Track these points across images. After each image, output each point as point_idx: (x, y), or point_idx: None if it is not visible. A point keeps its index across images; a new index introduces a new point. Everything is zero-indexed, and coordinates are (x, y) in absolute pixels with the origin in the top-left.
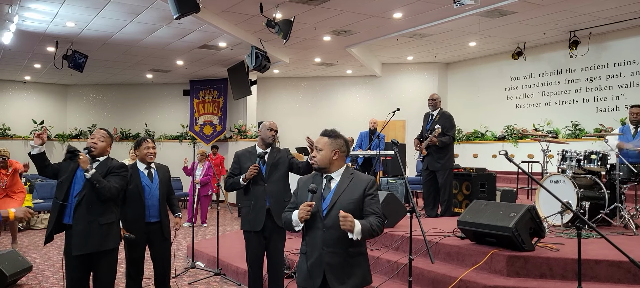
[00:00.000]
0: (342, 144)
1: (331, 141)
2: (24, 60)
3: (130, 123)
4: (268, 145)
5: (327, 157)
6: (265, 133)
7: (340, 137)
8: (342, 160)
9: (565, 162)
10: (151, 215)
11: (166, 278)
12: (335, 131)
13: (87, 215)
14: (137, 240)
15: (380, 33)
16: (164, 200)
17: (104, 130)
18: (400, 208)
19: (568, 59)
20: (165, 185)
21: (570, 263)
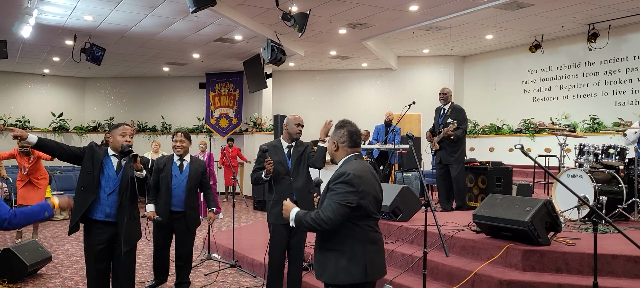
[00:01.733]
0: (341, 135)
1: (333, 133)
2: (43, 54)
3: (147, 116)
4: (294, 139)
5: (330, 149)
6: (292, 128)
7: (342, 128)
8: (343, 152)
9: (583, 156)
10: (175, 205)
11: (185, 268)
12: (341, 122)
13: (129, 210)
14: (162, 225)
15: (396, 26)
16: (192, 193)
17: (128, 125)
18: (415, 201)
19: (586, 51)
20: (195, 179)
21: (587, 258)
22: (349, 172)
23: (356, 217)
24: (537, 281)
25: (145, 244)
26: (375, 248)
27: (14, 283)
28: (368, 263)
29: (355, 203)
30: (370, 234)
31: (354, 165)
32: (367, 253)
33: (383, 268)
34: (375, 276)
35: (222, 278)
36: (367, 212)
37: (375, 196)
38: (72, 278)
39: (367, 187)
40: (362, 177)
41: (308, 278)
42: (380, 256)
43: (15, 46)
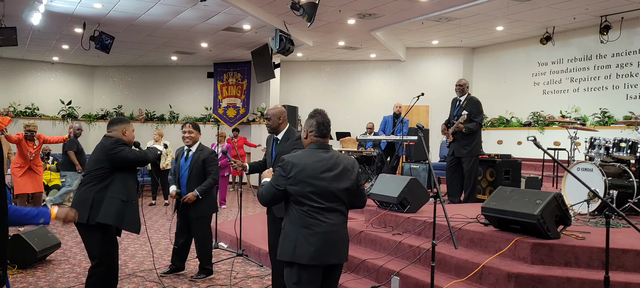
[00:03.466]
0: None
1: (306, 121)
2: (52, 41)
3: (154, 104)
4: (273, 130)
5: (302, 136)
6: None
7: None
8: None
9: (593, 150)
10: (184, 193)
11: (202, 254)
12: (313, 111)
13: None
14: (178, 209)
15: (405, 16)
16: (195, 180)
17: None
18: (423, 193)
19: (598, 44)
20: (196, 168)
21: (596, 252)
22: (286, 158)
23: (294, 201)
24: (546, 274)
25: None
26: (309, 232)
27: (24, 268)
28: (297, 246)
29: (282, 187)
30: (307, 220)
31: (302, 153)
32: (298, 237)
33: (317, 254)
34: (302, 259)
35: (229, 267)
36: (299, 198)
37: (317, 185)
38: (81, 264)
39: (302, 176)
40: (299, 164)
41: None
42: (314, 241)
43: (25, 33)
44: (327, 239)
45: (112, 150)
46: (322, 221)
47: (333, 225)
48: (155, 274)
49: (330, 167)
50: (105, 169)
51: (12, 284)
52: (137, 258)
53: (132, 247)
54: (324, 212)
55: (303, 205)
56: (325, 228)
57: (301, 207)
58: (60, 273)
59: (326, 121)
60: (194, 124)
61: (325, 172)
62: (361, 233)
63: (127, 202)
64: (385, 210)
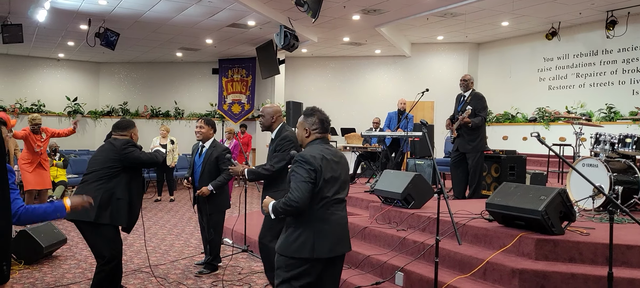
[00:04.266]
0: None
1: (304, 120)
2: (57, 38)
3: (160, 101)
4: (266, 127)
5: (301, 135)
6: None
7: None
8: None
9: (599, 146)
10: (198, 187)
11: (212, 248)
12: (311, 109)
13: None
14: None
15: (410, 12)
16: (207, 177)
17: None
18: (428, 189)
19: (604, 39)
20: (209, 163)
21: (601, 248)
22: (303, 155)
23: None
24: (550, 270)
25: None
26: (326, 226)
27: (30, 264)
28: (316, 242)
29: (314, 180)
30: (323, 213)
31: (313, 149)
32: (315, 232)
33: (334, 246)
34: (322, 254)
35: (234, 263)
36: (322, 191)
37: (335, 177)
38: (87, 260)
39: (326, 168)
40: (318, 157)
41: None
42: (330, 234)
43: (30, 30)
44: (340, 230)
45: (124, 150)
46: (335, 213)
47: (342, 216)
48: (160, 270)
49: (338, 159)
50: (114, 169)
51: (18, 280)
52: (143, 254)
53: (137, 242)
54: (336, 204)
55: (321, 200)
56: (338, 220)
57: (318, 202)
58: (67, 269)
59: (327, 117)
60: (206, 119)
61: (335, 164)
62: (366, 229)
63: (132, 203)
64: (389, 206)
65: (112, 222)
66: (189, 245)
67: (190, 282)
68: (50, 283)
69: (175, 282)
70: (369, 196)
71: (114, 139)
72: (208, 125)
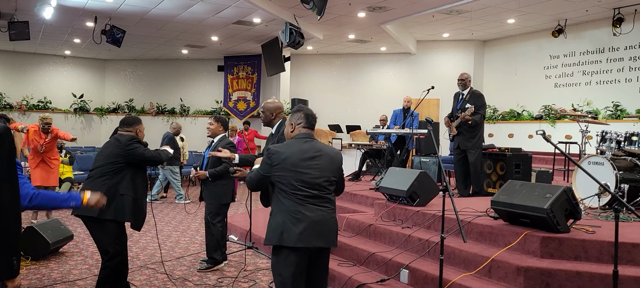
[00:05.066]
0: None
1: (290, 116)
2: (64, 35)
3: (165, 98)
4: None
5: (287, 131)
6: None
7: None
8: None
9: (605, 143)
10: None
11: (207, 240)
12: (297, 106)
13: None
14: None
15: (416, 9)
16: (212, 167)
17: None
18: (433, 187)
19: (611, 36)
20: (213, 158)
21: (606, 246)
22: (271, 147)
23: (281, 189)
24: (555, 268)
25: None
26: (296, 218)
27: (37, 260)
28: (284, 231)
29: (268, 174)
30: (294, 207)
31: (287, 143)
32: (285, 222)
33: (304, 237)
34: (289, 242)
35: (239, 260)
36: (285, 186)
37: (301, 173)
38: (93, 256)
39: (286, 164)
40: (283, 153)
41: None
42: (301, 226)
43: (37, 27)
44: (314, 225)
45: (129, 146)
46: (309, 208)
47: (320, 213)
48: (166, 266)
49: (313, 156)
50: (118, 165)
51: (25, 275)
52: (149, 250)
53: (143, 239)
54: (311, 200)
55: (289, 193)
56: (313, 217)
57: (288, 196)
58: (73, 265)
59: (313, 113)
60: (216, 117)
61: (308, 160)
62: (371, 226)
63: (137, 199)
64: (394, 203)
65: (116, 218)
66: (195, 241)
67: (195, 279)
68: (57, 279)
69: (181, 278)
70: (374, 193)
71: (119, 135)
72: (217, 122)
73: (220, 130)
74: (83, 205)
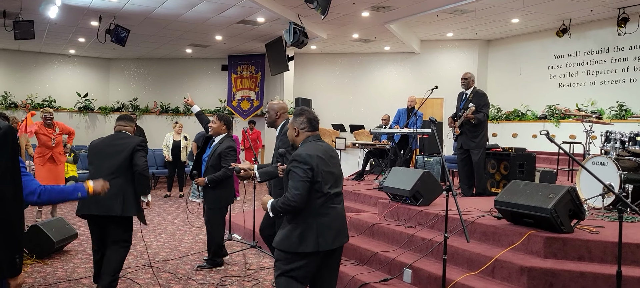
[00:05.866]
0: (301, 122)
1: (293, 120)
2: (69, 34)
3: (169, 97)
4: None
5: (291, 135)
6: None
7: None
8: (303, 135)
9: (609, 144)
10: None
11: (207, 241)
12: (299, 109)
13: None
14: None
15: (420, 9)
16: (210, 171)
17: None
18: (436, 186)
19: (616, 36)
20: (214, 158)
21: (610, 247)
22: (299, 154)
23: (313, 190)
24: (558, 268)
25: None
26: (328, 220)
27: (41, 258)
28: (319, 235)
29: (312, 179)
30: (324, 208)
31: (308, 146)
32: (319, 227)
33: (335, 239)
34: (326, 246)
35: (243, 259)
36: (321, 187)
37: (331, 172)
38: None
39: (321, 165)
40: (314, 155)
41: None
42: (332, 227)
43: (42, 27)
44: (340, 222)
45: (138, 149)
46: (334, 206)
47: (340, 208)
48: (170, 265)
49: (332, 154)
50: (127, 164)
51: (30, 274)
52: (152, 249)
53: (147, 238)
54: (335, 198)
55: (321, 195)
56: (338, 213)
57: (319, 197)
58: (77, 264)
59: (315, 116)
60: (219, 115)
61: (331, 159)
62: (374, 226)
63: (136, 194)
64: (398, 203)
65: (132, 214)
66: (198, 240)
67: (199, 277)
68: (61, 277)
69: (185, 277)
70: (377, 193)
71: (128, 134)
72: (219, 120)
73: (223, 130)
74: (89, 194)
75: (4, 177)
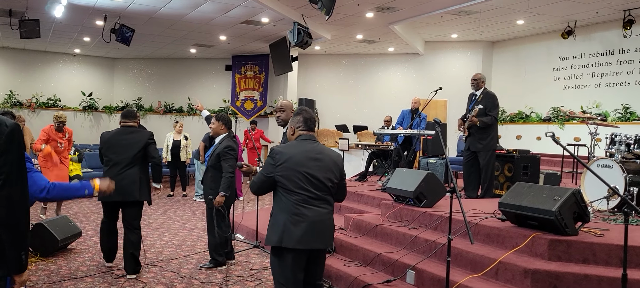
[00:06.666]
0: (297, 121)
1: (291, 119)
2: (74, 34)
3: (173, 96)
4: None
5: (288, 133)
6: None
7: (298, 115)
8: (298, 134)
9: (614, 146)
10: (201, 180)
11: (207, 241)
12: (298, 109)
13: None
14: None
15: (424, 10)
16: (210, 171)
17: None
18: (440, 188)
19: (621, 38)
20: (213, 159)
21: (615, 249)
22: (275, 148)
23: (284, 189)
24: (563, 271)
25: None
26: (297, 219)
27: (46, 256)
28: (284, 232)
29: (271, 175)
30: (296, 207)
31: (289, 144)
32: (286, 223)
33: (303, 239)
34: (289, 243)
35: (246, 259)
36: (288, 186)
37: (305, 173)
38: (101, 253)
39: (290, 164)
40: (287, 153)
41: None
42: (301, 227)
43: (47, 26)
44: (314, 226)
45: (150, 143)
46: (310, 209)
47: (320, 213)
48: (173, 264)
49: (315, 157)
50: (141, 155)
51: (34, 272)
52: (156, 248)
53: (150, 237)
54: (312, 201)
55: (292, 194)
56: (313, 217)
57: (290, 195)
58: (81, 262)
59: (312, 116)
60: (218, 115)
61: (311, 161)
62: (377, 227)
63: (148, 181)
64: (401, 204)
65: (147, 199)
66: (202, 240)
67: (202, 277)
68: (65, 275)
69: (188, 276)
70: (380, 194)
71: (137, 128)
72: (218, 120)
73: (222, 130)
74: (96, 192)
75: (10, 176)
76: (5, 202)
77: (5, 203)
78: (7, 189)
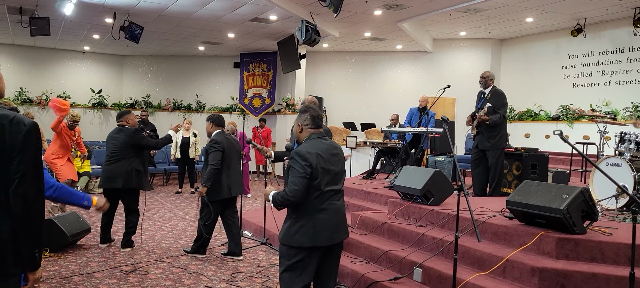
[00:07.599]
0: (305, 119)
1: (298, 117)
2: (83, 31)
3: (182, 94)
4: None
5: (296, 131)
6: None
7: (305, 112)
8: (306, 132)
9: (624, 145)
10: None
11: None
12: (304, 107)
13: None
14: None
15: (433, 7)
16: (204, 168)
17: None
18: (448, 186)
19: (632, 36)
20: (205, 155)
21: (623, 248)
22: (298, 151)
23: (312, 188)
24: (570, 269)
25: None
26: (325, 216)
27: (55, 252)
28: (316, 232)
29: (310, 176)
30: (322, 204)
31: (309, 144)
32: (316, 223)
33: (333, 235)
34: (322, 242)
35: (253, 255)
36: (318, 185)
37: (331, 170)
38: (110, 249)
39: (321, 163)
40: (313, 153)
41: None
42: (330, 223)
43: (57, 23)
44: (338, 219)
45: (134, 137)
46: (332, 203)
47: (340, 206)
48: (181, 261)
49: (333, 152)
50: (130, 149)
51: (44, 267)
52: (164, 244)
53: (159, 233)
54: (334, 195)
55: (319, 191)
56: (336, 210)
57: (317, 193)
58: (90, 257)
59: (319, 114)
60: (209, 116)
61: (332, 156)
62: (384, 224)
63: (143, 171)
64: (409, 202)
65: (138, 186)
66: None
67: (210, 273)
68: (75, 271)
69: (196, 272)
70: (388, 192)
71: (122, 127)
72: (208, 121)
73: (213, 129)
74: (93, 206)
75: (27, 174)
76: (21, 200)
77: (21, 201)
78: (23, 187)
